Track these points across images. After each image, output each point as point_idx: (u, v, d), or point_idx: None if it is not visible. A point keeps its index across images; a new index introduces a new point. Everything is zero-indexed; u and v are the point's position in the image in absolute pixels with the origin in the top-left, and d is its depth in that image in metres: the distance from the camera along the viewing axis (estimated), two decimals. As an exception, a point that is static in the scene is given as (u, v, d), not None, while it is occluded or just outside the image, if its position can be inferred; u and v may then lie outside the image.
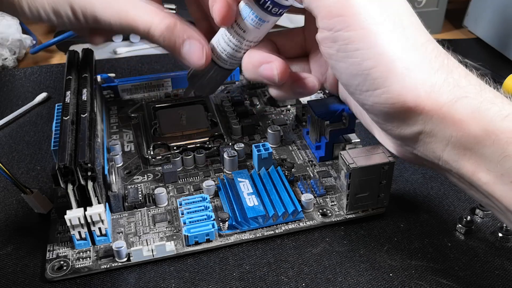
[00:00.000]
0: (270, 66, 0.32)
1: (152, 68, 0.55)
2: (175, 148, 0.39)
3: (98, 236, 0.32)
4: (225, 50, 0.34)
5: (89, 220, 0.31)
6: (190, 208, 0.33)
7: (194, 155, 0.39)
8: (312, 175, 0.38)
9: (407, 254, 0.33)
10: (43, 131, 0.45)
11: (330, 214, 0.35)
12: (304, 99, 0.43)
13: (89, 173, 0.31)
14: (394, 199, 0.37)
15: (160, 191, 0.35)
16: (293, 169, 0.38)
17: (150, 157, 0.39)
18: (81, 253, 0.32)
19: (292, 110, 0.46)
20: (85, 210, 0.31)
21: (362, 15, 0.25)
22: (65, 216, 0.31)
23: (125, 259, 0.31)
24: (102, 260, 0.32)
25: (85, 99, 0.36)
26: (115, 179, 0.34)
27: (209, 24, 0.39)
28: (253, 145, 0.38)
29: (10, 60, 0.55)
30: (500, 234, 0.33)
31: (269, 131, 0.41)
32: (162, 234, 0.33)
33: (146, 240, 0.33)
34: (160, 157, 0.39)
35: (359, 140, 0.40)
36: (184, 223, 0.32)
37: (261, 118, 0.45)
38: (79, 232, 0.32)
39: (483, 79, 0.26)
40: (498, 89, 0.26)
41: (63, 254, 0.32)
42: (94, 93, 0.38)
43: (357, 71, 0.26)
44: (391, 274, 0.31)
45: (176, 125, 0.42)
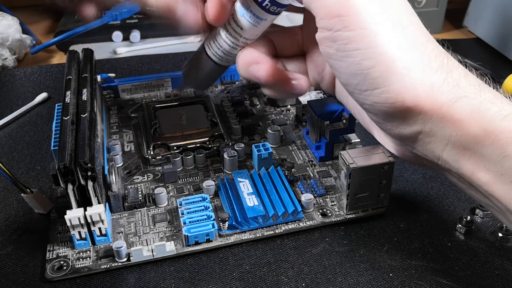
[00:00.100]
0: (258, 67, 0.32)
1: (152, 68, 0.55)
2: (175, 148, 0.39)
3: (98, 236, 0.32)
4: (221, 46, 0.34)
5: (89, 220, 0.31)
6: (190, 208, 0.33)
7: (194, 155, 0.39)
8: (312, 175, 0.38)
9: (407, 254, 0.33)
10: (43, 131, 0.45)
11: (330, 214, 0.35)
12: (304, 99, 0.43)
13: (89, 173, 0.31)
14: (394, 199, 0.37)
15: (160, 191, 0.35)
16: (293, 169, 0.38)
17: (150, 157, 0.39)
18: (81, 253, 0.32)
19: (292, 110, 0.46)
20: (85, 210, 0.31)
21: (362, 15, 0.25)
22: (65, 216, 0.31)
23: (125, 259, 0.31)
24: (102, 260, 0.32)
25: (85, 99, 0.36)
26: (115, 179, 0.34)
27: None
28: (253, 145, 0.38)
29: (10, 60, 0.55)
30: (500, 234, 0.33)
31: (269, 131, 0.41)
32: (162, 234, 0.33)
33: (146, 240, 0.33)
34: (160, 157, 0.39)
35: (359, 140, 0.40)
36: (184, 223, 0.32)
37: (261, 118, 0.45)
38: (79, 232, 0.32)
39: (482, 79, 0.26)
40: (497, 89, 0.26)
41: (63, 254, 0.32)
42: (94, 93, 0.38)
43: (356, 71, 0.26)
44: (391, 274, 0.31)
45: (176, 125, 0.42)
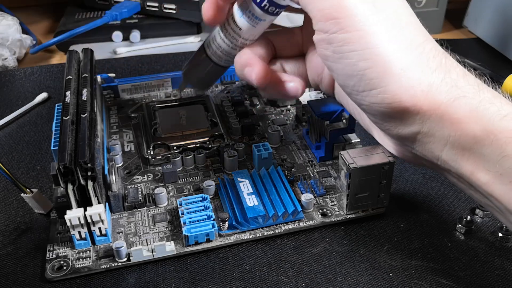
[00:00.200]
0: (250, 70, 0.32)
1: (152, 68, 0.55)
2: (175, 148, 0.39)
3: (98, 236, 0.32)
4: (220, 46, 0.34)
5: (89, 220, 0.31)
6: (190, 208, 0.33)
7: (194, 155, 0.39)
8: (312, 175, 0.38)
9: (407, 254, 0.33)
10: (43, 131, 0.45)
11: (330, 214, 0.35)
12: (304, 99, 0.43)
13: (89, 173, 0.31)
14: (394, 199, 0.37)
15: (160, 191, 0.35)
16: (293, 169, 0.38)
17: (150, 157, 0.39)
18: (81, 253, 0.32)
19: (292, 110, 0.46)
20: (85, 210, 0.31)
21: (357, 17, 0.25)
22: (65, 216, 0.31)
23: (125, 259, 0.31)
24: (102, 260, 0.32)
25: (85, 99, 0.36)
26: (115, 179, 0.34)
27: None
28: (253, 145, 0.38)
29: (10, 60, 0.55)
30: (500, 234, 0.33)
31: (269, 131, 0.41)
32: (162, 234, 0.33)
33: (146, 240, 0.33)
34: (160, 157, 0.39)
35: (359, 140, 0.40)
36: (184, 223, 0.32)
37: (261, 118, 0.45)
38: (79, 232, 0.32)
39: (481, 79, 0.26)
40: (496, 89, 0.26)
41: (63, 254, 0.32)
42: (94, 93, 0.38)
43: (353, 72, 0.26)
44: (391, 274, 0.31)
45: (176, 125, 0.42)
